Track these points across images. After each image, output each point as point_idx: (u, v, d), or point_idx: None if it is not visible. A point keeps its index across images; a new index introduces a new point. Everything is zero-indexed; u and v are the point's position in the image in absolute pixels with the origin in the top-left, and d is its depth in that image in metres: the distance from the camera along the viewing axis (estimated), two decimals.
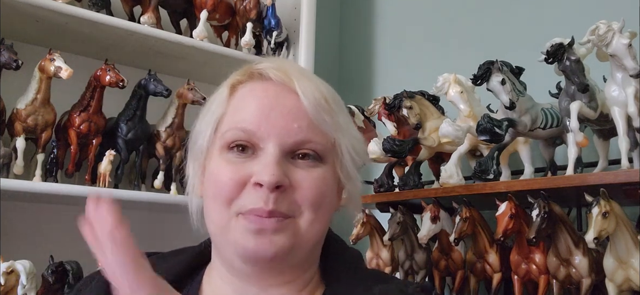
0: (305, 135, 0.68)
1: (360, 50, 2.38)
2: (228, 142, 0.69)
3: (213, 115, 0.72)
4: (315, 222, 0.68)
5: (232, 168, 0.68)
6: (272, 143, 0.67)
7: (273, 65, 0.72)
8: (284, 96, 0.70)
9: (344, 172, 0.72)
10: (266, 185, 0.64)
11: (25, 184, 1.46)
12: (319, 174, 0.69)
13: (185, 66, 1.86)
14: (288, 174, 0.67)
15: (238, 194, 0.66)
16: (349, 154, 0.72)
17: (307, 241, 0.69)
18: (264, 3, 1.91)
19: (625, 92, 1.07)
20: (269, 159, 0.66)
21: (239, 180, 0.66)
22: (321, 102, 0.70)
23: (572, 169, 1.15)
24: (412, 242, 1.47)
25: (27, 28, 1.62)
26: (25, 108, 1.48)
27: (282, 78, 0.71)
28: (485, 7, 1.85)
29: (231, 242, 0.67)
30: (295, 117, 0.68)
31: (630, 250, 1.04)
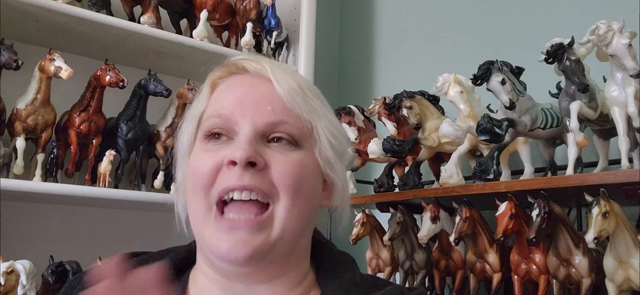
0: (278, 117, 0.69)
1: (360, 50, 2.38)
2: (206, 131, 0.70)
3: (195, 111, 0.74)
4: (294, 209, 0.67)
5: (209, 155, 0.69)
6: (245, 125, 0.68)
7: (249, 56, 0.75)
8: (259, 84, 0.72)
9: (324, 158, 0.72)
10: (238, 161, 0.65)
11: (25, 184, 1.45)
12: (296, 157, 0.69)
13: (185, 66, 1.86)
14: (262, 154, 0.67)
15: (214, 179, 0.67)
16: (327, 139, 0.73)
17: (288, 232, 0.67)
18: (264, 3, 1.92)
19: (625, 92, 1.07)
20: (242, 138, 0.67)
21: (214, 165, 0.67)
22: (294, 88, 0.71)
23: (572, 169, 1.15)
24: (412, 242, 1.47)
25: (27, 28, 1.62)
26: (25, 108, 1.48)
27: (257, 68, 0.73)
28: (485, 7, 1.85)
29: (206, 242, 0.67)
30: (269, 101, 0.70)
31: (630, 250, 1.04)
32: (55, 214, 1.74)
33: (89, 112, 1.58)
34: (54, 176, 1.60)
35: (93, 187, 1.58)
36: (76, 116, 1.57)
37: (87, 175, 1.62)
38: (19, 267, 1.33)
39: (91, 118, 1.58)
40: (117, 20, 1.63)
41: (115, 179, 1.67)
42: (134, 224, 1.84)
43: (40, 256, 1.42)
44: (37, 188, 1.48)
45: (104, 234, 1.81)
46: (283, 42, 1.99)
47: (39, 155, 1.55)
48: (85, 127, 1.57)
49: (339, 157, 0.75)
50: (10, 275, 1.31)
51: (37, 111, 1.50)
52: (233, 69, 0.75)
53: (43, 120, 1.51)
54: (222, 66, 0.76)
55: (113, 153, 1.59)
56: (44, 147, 1.55)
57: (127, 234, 1.83)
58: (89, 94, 1.58)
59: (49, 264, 1.39)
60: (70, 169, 1.63)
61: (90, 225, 1.80)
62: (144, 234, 1.81)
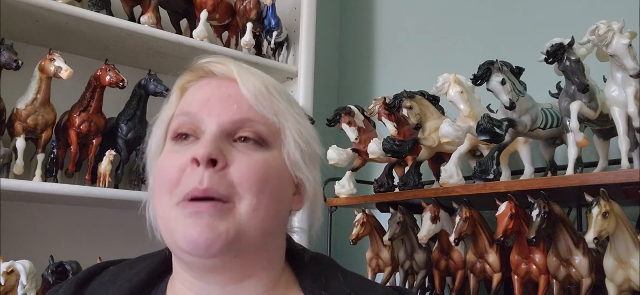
0: (244, 115, 0.69)
1: (360, 50, 2.38)
2: (174, 130, 0.71)
3: (164, 116, 0.75)
4: (258, 209, 0.66)
5: (175, 155, 0.69)
6: (211, 122, 0.68)
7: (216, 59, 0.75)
8: (226, 85, 0.72)
9: (291, 160, 0.72)
10: (200, 158, 0.64)
11: (25, 184, 1.46)
12: (260, 158, 0.68)
13: (185, 66, 1.85)
14: (226, 154, 0.67)
15: (179, 181, 0.66)
16: (294, 141, 0.72)
17: (252, 228, 0.66)
18: (264, 3, 1.92)
19: (625, 92, 1.07)
20: (207, 136, 0.67)
21: (180, 166, 0.67)
22: (260, 89, 0.71)
23: (572, 169, 1.15)
24: (412, 242, 1.47)
25: (27, 28, 1.62)
26: (25, 108, 1.48)
27: (223, 70, 0.73)
28: (485, 7, 1.85)
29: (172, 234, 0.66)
30: (235, 101, 0.70)
31: (630, 250, 1.04)
32: (55, 214, 1.74)
33: (89, 112, 1.58)
34: (54, 176, 1.60)
35: (93, 187, 1.58)
36: (76, 116, 1.57)
37: (87, 175, 1.62)
38: (19, 267, 1.32)
39: (91, 118, 1.58)
40: (117, 20, 1.63)
41: (115, 179, 1.67)
42: (133, 224, 1.83)
43: (40, 256, 1.42)
44: (37, 188, 1.48)
45: (104, 234, 1.81)
46: (283, 42, 1.99)
47: (39, 155, 1.55)
48: (85, 127, 1.57)
49: (309, 158, 0.74)
50: (10, 275, 1.31)
51: (37, 111, 1.50)
52: (201, 73, 0.75)
53: (43, 120, 1.51)
54: (190, 70, 0.76)
55: (113, 153, 1.59)
56: (44, 147, 1.55)
57: (127, 234, 1.83)
58: (89, 94, 1.58)
59: (49, 264, 1.39)
60: (70, 169, 1.63)
61: (90, 225, 1.80)
62: (143, 234, 1.81)
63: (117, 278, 0.75)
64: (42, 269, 1.39)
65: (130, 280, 0.74)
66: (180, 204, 0.65)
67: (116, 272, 0.77)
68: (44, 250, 1.44)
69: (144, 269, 0.76)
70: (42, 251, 1.45)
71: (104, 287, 0.74)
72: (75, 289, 0.74)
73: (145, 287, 0.74)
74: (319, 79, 1.98)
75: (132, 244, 1.89)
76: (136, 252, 0.83)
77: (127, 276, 0.75)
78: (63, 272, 1.38)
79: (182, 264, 0.71)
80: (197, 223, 0.64)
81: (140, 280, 0.74)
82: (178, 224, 0.65)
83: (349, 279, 0.76)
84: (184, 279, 0.71)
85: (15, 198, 1.59)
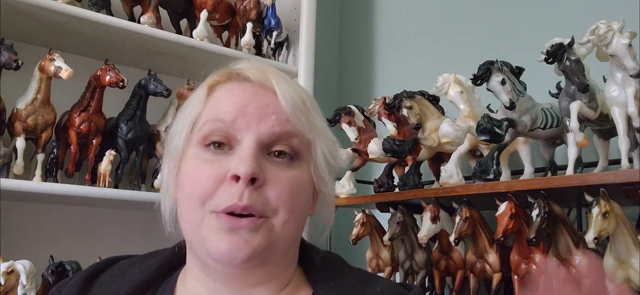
0: (283, 128, 0.68)
1: (360, 50, 2.38)
2: (204, 135, 0.68)
3: (190, 115, 0.72)
4: (289, 223, 0.67)
5: (209, 166, 0.67)
6: (249, 135, 0.67)
7: (251, 65, 0.73)
8: (263, 94, 0.70)
9: (318, 175, 0.72)
10: (242, 177, 0.64)
11: (25, 184, 1.45)
12: (295, 175, 0.69)
13: (185, 66, 1.86)
14: (264, 171, 0.66)
15: (214, 192, 0.65)
16: (324, 157, 0.72)
17: (281, 241, 0.67)
18: (264, 3, 1.92)
19: (625, 92, 1.07)
20: (246, 151, 0.66)
21: (216, 177, 0.66)
22: (298, 103, 0.70)
23: (572, 169, 1.15)
24: (412, 242, 1.47)
25: (27, 28, 1.62)
26: (25, 108, 1.48)
27: (260, 78, 0.71)
28: (485, 7, 1.85)
29: (204, 242, 0.66)
30: (273, 111, 0.69)
31: (630, 250, 1.03)
32: (55, 214, 1.74)
33: (89, 112, 1.58)
34: (54, 176, 1.61)
35: (93, 187, 1.58)
36: (76, 116, 1.57)
37: (87, 175, 1.62)
38: (19, 267, 1.33)
39: (91, 118, 1.58)
40: (117, 20, 1.63)
41: (115, 179, 1.67)
42: (134, 224, 1.84)
43: (40, 256, 1.42)
44: (37, 188, 1.48)
45: (104, 234, 1.81)
46: (283, 42, 1.99)
47: (39, 155, 1.55)
48: (85, 127, 1.57)
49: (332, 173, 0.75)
50: (10, 275, 1.31)
51: (37, 111, 1.50)
52: (234, 76, 0.73)
53: (43, 120, 1.51)
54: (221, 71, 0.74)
55: (113, 153, 1.59)
56: (44, 147, 1.55)
57: (127, 234, 1.84)
58: (89, 94, 1.58)
59: (49, 264, 1.39)
60: (70, 169, 1.63)
61: (90, 225, 1.80)
62: (144, 234, 1.81)
63: (127, 271, 0.76)
64: (42, 269, 1.39)
65: (140, 272, 0.74)
66: (215, 215, 0.65)
67: (126, 265, 0.77)
68: (44, 250, 1.44)
69: (154, 263, 0.76)
70: (42, 251, 1.45)
71: (114, 280, 0.74)
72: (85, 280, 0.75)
73: (155, 281, 0.75)
74: (319, 79, 1.98)
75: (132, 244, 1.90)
76: (136, 252, 0.83)
77: (137, 269, 0.75)
78: (63, 272, 1.38)
79: (200, 265, 0.70)
80: (234, 239, 0.64)
81: (150, 273, 0.75)
82: (212, 234, 0.65)
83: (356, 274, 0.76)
84: (199, 277, 0.71)
85: (15, 198, 1.59)
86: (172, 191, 0.73)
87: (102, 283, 0.75)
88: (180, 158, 0.71)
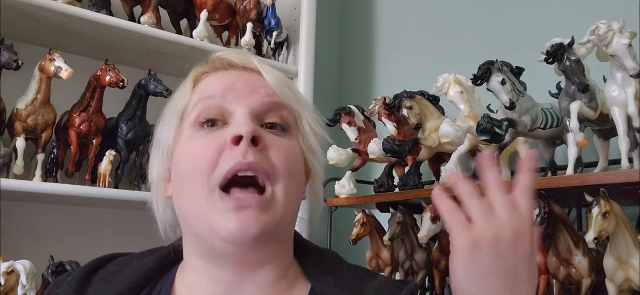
0: (272, 99, 0.71)
1: (360, 50, 2.38)
2: (196, 115, 0.70)
3: (177, 106, 0.74)
4: (290, 192, 0.68)
5: (206, 139, 0.68)
6: (240, 106, 0.69)
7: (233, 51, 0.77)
8: (248, 73, 0.73)
9: (307, 145, 0.74)
10: (245, 135, 0.64)
11: (25, 184, 1.45)
12: (288, 143, 0.71)
13: (185, 66, 1.85)
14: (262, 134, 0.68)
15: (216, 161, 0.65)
16: (311, 128, 0.75)
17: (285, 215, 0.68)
18: (264, 3, 1.92)
19: (625, 92, 1.07)
20: (243, 117, 0.67)
21: (216, 148, 0.66)
22: (281, 79, 0.74)
23: (572, 169, 1.15)
24: (412, 242, 1.47)
25: (27, 28, 1.62)
26: (25, 108, 1.48)
27: (243, 60, 0.74)
28: (485, 7, 1.85)
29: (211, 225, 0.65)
30: (261, 86, 0.71)
31: (630, 250, 1.04)
32: (55, 214, 1.74)
33: (89, 112, 1.58)
34: (54, 176, 1.60)
35: (93, 187, 1.58)
36: (76, 116, 1.57)
37: (87, 175, 1.62)
38: (19, 267, 1.33)
39: (91, 118, 1.58)
40: (117, 20, 1.63)
41: (115, 179, 1.67)
42: (134, 224, 1.84)
43: (40, 256, 1.42)
44: (37, 188, 1.48)
45: (104, 234, 1.81)
46: (283, 42, 1.99)
47: (39, 155, 1.55)
48: (85, 127, 1.57)
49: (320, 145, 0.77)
50: (10, 275, 1.31)
51: (37, 111, 1.49)
52: (218, 65, 0.75)
53: (43, 120, 1.51)
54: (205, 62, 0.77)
55: (113, 153, 1.59)
56: (44, 147, 1.55)
57: (127, 234, 1.83)
58: (89, 94, 1.58)
59: (49, 264, 1.39)
60: (70, 169, 1.63)
61: (90, 225, 1.80)
62: (143, 234, 1.80)
63: (126, 267, 0.76)
64: (42, 269, 1.39)
65: (139, 269, 0.74)
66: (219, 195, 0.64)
67: (125, 262, 0.78)
68: (44, 250, 1.44)
69: (152, 260, 0.76)
70: (42, 251, 1.45)
71: (112, 276, 0.74)
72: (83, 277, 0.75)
73: (153, 276, 0.75)
74: (319, 79, 1.98)
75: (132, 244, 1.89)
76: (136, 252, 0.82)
77: (135, 266, 0.75)
78: (63, 272, 1.38)
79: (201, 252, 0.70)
80: (242, 216, 0.63)
81: (148, 269, 0.75)
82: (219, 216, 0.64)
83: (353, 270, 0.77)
84: (198, 266, 0.71)
85: (15, 198, 1.59)
86: (163, 191, 0.73)
87: (100, 279, 0.75)
88: (171, 151, 0.72)
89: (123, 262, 0.78)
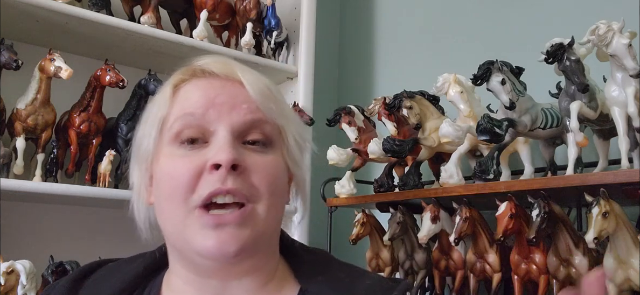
0: (255, 116, 0.68)
1: (360, 50, 2.38)
2: (176, 132, 0.68)
3: (157, 116, 0.71)
4: (272, 209, 0.67)
5: (186, 160, 0.66)
6: (222, 125, 0.66)
7: (215, 59, 0.73)
8: (230, 85, 0.70)
9: (291, 158, 0.73)
10: (224, 164, 0.63)
11: (25, 184, 1.45)
12: (271, 159, 0.69)
13: (185, 66, 1.86)
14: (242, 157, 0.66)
15: (195, 185, 0.65)
16: (295, 140, 0.73)
17: (267, 229, 0.68)
18: (264, 3, 1.91)
19: (625, 92, 1.07)
20: (222, 140, 0.65)
21: (195, 170, 0.65)
22: (265, 91, 0.71)
23: (572, 169, 1.14)
24: (412, 242, 1.47)
25: (27, 28, 1.62)
26: (25, 108, 1.48)
27: (225, 71, 0.71)
28: (485, 7, 1.85)
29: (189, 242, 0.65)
30: (243, 100, 0.69)
31: (630, 250, 1.03)
32: (55, 214, 1.74)
33: (89, 112, 1.58)
34: (54, 176, 1.60)
35: (93, 187, 1.58)
36: (76, 116, 1.57)
37: (87, 175, 1.62)
38: (19, 267, 1.32)
39: (91, 118, 1.58)
40: (117, 20, 1.63)
41: (115, 179, 1.67)
42: (133, 224, 1.84)
43: (40, 256, 1.42)
44: (37, 188, 1.48)
45: (104, 234, 1.81)
46: (283, 42, 1.99)
47: (39, 155, 1.55)
48: (85, 127, 1.57)
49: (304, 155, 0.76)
50: (10, 275, 1.31)
51: (37, 111, 1.50)
52: (198, 72, 0.72)
53: (43, 120, 1.51)
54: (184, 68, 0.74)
55: (113, 153, 1.59)
56: (44, 147, 1.55)
57: (127, 234, 1.83)
58: (89, 94, 1.58)
59: (49, 264, 1.39)
60: (70, 169, 1.63)
61: (90, 225, 1.80)
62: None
63: (115, 272, 0.76)
64: (42, 269, 1.39)
65: (127, 273, 0.75)
66: (198, 212, 0.64)
67: (114, 267, 0.78)
68: (44, 250, 1.44)
69: (140, 263, 0.77)
70: (42, 251, 1.45)
71: (102, 281, 0.75)
72: (73, 284, 0.75)
73: (141, 281, 0.75)
74: (319, 79, 1.98)
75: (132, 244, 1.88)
76: (136, 252, 0.83)
77: (125, 270, 0.75)
78: (63, 272, 1.38)
79: (183, 262, 0.70)
80: (221, 235, 0.63)
81: (137, 273, 0.75)
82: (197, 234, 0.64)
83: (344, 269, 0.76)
84: (183, 275, 0.71)
85: (15, 198, 1.59)
86: (145, 197, 0.73)
87: (90, 285, 0.75)
88: (151, 161, 0.71)
89: (113, 267, 0.78)
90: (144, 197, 0.73)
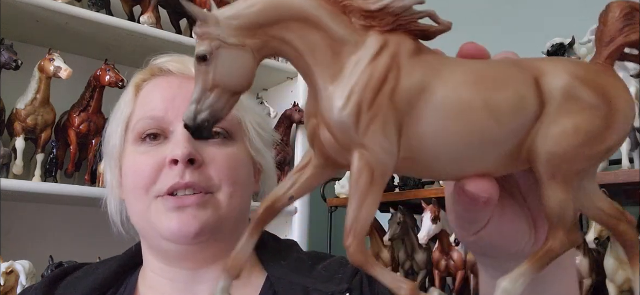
0: None
1: None
2: (139, 133, 0.72)
3: (122, 115, 0.76)
4: (234, 196, 0.71)
5: (147, 156, 0.71)
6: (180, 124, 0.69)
7: (171, 58, 0.78)
8: (187, 84, 0.74)
9: (254, 148, 0.76)
10: (180, 159, 0.67)
11: (25, 184, 1.45)
12: (231, 151, 0.72)
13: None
14: (200, 151, 0.69)
15: (155, 179, 0.69)
16: (255, 130, 0.76)
17: (229, 215, 0.71)
18: None
19: None
20: (179, 136, 0.69)
21: (154, 165, 0.69)
22: None
23: None
24: (412, 242, 1.47)
25: (27, 28, 1.62)
26: (25, 108, 1.48)
27: (181, 69, 0.76)
28: (486, 7, 1.85)
29: (154, 226, 0.69)
30: None
31: None
32: (55, 214, 1.74)
33: (89, 112, 1.57)
34: (54, 176, 1.60)
35: (93, 187, 1.58)
36: (75, 116, 1.57)
37: (87, 175, 1.62)
38: (19, 267, 1.32)
39: (91, 118, 1.58)
40: (117, 20, 1.63)
41: None
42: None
43: (40, 256, 1.42)
44: (37, 188, 1.48)
45: (104, 234, 1.79)
46: None
47: (38, 155, 1.55)
48: (85, 127, 1.57)
49: (267, 144, 0.79)
50: (10, 275, 1.31)
51: (37, 111, 1.49)
52: (156, 71, 0.77)
53: (42, 120, 1.51)
54: (144, 68, 0.79)
55: None
56: (43, 147, 1.55)
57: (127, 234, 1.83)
58: (88, 93, 1.57)
59: (48, 264, 1.39)
60: (69, 169, 1.63)
61: (90, 225, 1.79)
62: None
63: (91, 273, 0.78)
64: (42, 269, 1.39)
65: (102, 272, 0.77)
66: (161, 198, 0.68)
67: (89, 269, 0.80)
68: (44, 250, 1.44)
69: (115, 261, 0.79)
70: (41, 251, 1.45)
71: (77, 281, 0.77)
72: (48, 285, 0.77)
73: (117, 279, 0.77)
74: None
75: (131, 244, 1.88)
76: None
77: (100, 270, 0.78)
78: None
79: (155, 253, 0.74)
80: (182, 216, 0.67)
81: (111, 271, 0.77)
82: (160, 217, 0.68)
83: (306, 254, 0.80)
84: (156, 267, 0.74)
85: (15, 198, 1.59)
86: (117, 191, 0.77)
87: (65, 286, 0.77)
88: (119, 157, 0.75)
89: (88, 268, 0.81)
90: (116, 190, 0.77)
